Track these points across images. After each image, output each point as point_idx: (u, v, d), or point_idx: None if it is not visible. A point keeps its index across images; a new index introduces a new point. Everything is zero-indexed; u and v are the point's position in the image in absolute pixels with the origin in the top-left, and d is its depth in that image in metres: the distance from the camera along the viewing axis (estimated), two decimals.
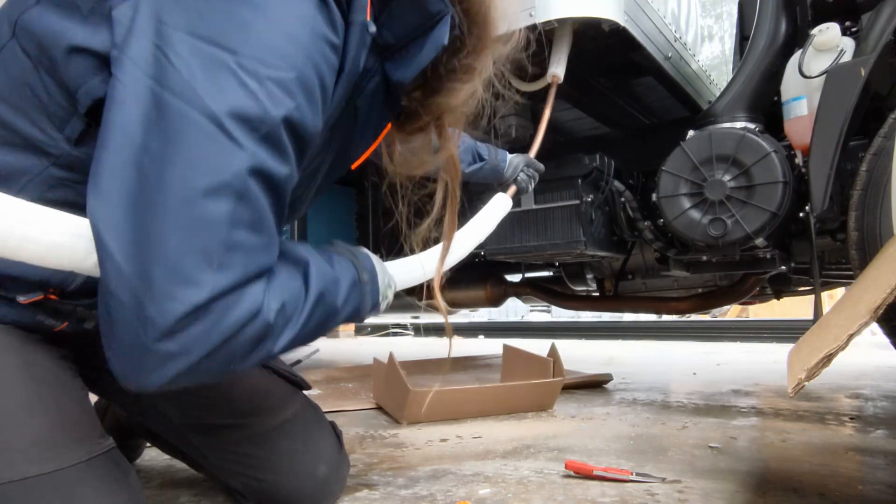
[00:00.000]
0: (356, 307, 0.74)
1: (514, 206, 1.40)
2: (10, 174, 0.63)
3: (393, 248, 0.95)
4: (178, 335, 0.51)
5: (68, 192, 0.64)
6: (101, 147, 0.53)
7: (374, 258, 0.83)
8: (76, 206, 0.60)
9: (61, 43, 0.60)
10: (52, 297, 0.68)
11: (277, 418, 0.92)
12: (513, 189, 1.44)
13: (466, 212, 1.20)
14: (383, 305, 0.83)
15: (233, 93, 0.53)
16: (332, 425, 1.00)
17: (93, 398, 0.92)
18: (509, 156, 1.46)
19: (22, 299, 0.66)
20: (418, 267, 0.94)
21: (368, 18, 0.67)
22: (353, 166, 0.89)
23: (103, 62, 0.59)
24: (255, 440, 0.89)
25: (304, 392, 1.02)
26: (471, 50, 0.77)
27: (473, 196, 2.03)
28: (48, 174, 0.63)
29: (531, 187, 1.51)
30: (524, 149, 1.51)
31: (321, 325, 0.67)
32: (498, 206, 1.32)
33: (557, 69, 1.54)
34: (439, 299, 0.87)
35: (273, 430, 0.91)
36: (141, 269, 0.50)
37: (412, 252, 0.92)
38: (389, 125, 0.85)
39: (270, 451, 0.90)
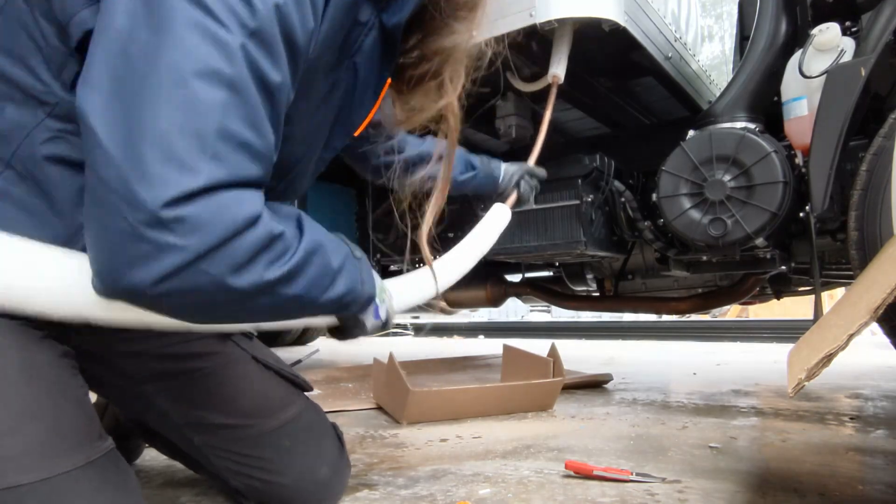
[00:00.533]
0: (353, 279, 0.71)
1: (514, 208, 1.39)
2: (9, 131, 0.62)
3: (387, 236, 1.00)
4: (173, 224, 0.48)
5: (63, 147, 0.62)
6: (93, 46, 0.53)
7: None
8: (71, 162, 0.61)
9: None
10: None
11: (279, 419, 0.91)
12: (513, 198, 1.39)
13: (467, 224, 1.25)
14: (383, 312, 0.81)
15: None
16: (334, 427, 1.00)
17: (93, 397, 0.92)
18: (504, 164, 1.41)
19: None
20: (418, 282, 0.96)
21: None
22: (357, 132, 0.87)
23: None
24: (257, 440, 0.89)
25: (305, 393, 1.02)
26: None
27: (475, 207, 2.03)
28: (44, 126, 0.62)
29: (533, 196, 1.45)
30: (524, 149, 1.51)
31: (319, 277, 0.64)
32: (497, 218, 1.29)
33: (558, 70, 1.54)
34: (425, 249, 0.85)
35: (275, 431, 0.90)
36: (131, 152, 0.48)
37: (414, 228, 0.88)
38: (389, 82, 0.84)
39: (272, 451, 0.90)
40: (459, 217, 2.63)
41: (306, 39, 0.60)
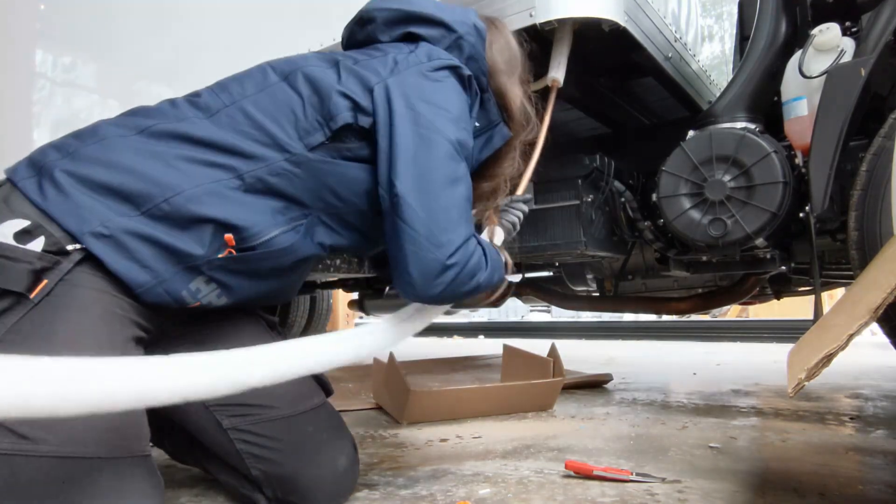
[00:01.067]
0: (499, 266, 1.06)
1: (527, 214, 1.39)
2: (253, 158, 0.89)
3: None
4: (456, 254, 0.91)
5: (283, 182, 0.91)
6: (392, 151, 0.93)
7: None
8: (283, 195, 0.92)
9: (334, 88, 0.95)
10: (233, 251, 0.88)
11: (306, 404, 0.98)
12: (492, 235, 1.29)
13: None
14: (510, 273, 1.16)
15: (453, 130, 0.97)
16: (349, 431, 1.06)
17: None
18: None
19: (228, 236, 0.86)
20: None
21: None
22: None
23: (356, 106, 0.94)
24: (284, 423, 0.95)
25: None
26: (512, 136, 1.20)
27: None
28: (279, 165, 0.91)
29: (517, 229, 1.36)
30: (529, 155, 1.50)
31: (493, 271, 1.02)
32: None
33: (557, 73, 1.53)
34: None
35: (301, 415, 0.97)
36: (430, 214, 0.91)
37: None
38: None
39: (297, 434, 0.95)
40: None
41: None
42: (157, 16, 2.13)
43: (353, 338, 0.93)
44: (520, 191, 1.42)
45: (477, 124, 1.11)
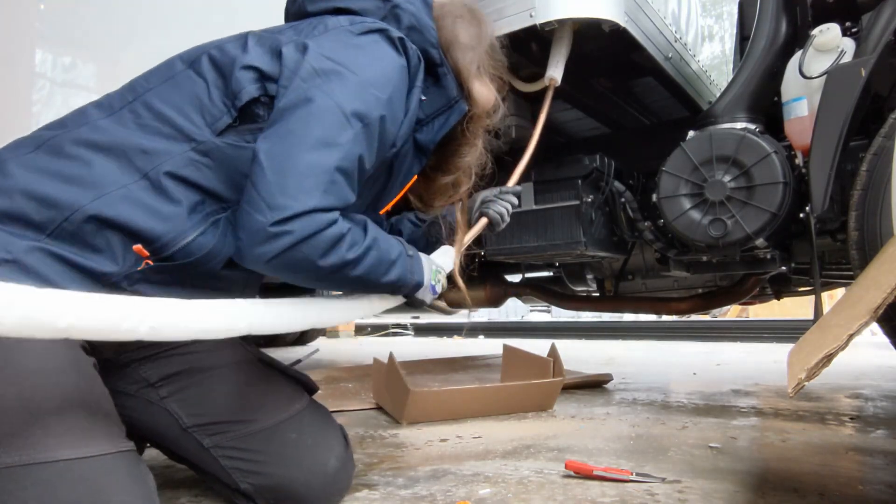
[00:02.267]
0: (403, 270, 0.94)
1: (514, 208, 1.35)
2: (156, 153, 0.84)
3: None
4: (289, 222, 0.78)
5: (195, 172, 0.85)
6: (275, 110, 0.85)
7: (421, 254, 1.04)
8: (197, 185, 0.85)
9: (238, 63, 0.88)
10: (150, 262, 0.82)
11: (286, 412, 0.96)
12: (483, 222, 1.28)
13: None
14: (439, 288, 1.04)
15: (351, 95, 0.86)
16: (340, 427, 1.04)
17: None
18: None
19: (137, 246, 0.81)
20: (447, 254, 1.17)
21: (421, 94, 1.01)
22: (382, 211, 1.16)
23: (261, 76, 0.88)
24: (266, 435, 0.93)
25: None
26: (472, 121, 1.12)
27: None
28: (186, 156, 0.85)
29: (506, 220, 1.31)
30: (523, 150, 1.50)
31: (377, 265, 0.89)
32: (443, 254, 1.17)
33: (555, 72, 1.53)
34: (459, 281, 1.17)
35: (282, 424, 0.94)
36: (278, 176, 0.79)
37: None
38: (415, 178, 1.14)
39: (280, 444, 0.93)
40: None
41: (390, 142, 0.95)
42: (157, 15, 2.13)
43: (311, 304, 0.89)
44: (511, 182, 1.39)
45: (423, 98, 1.02)
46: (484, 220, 1.29)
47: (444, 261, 1.12)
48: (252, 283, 1.00)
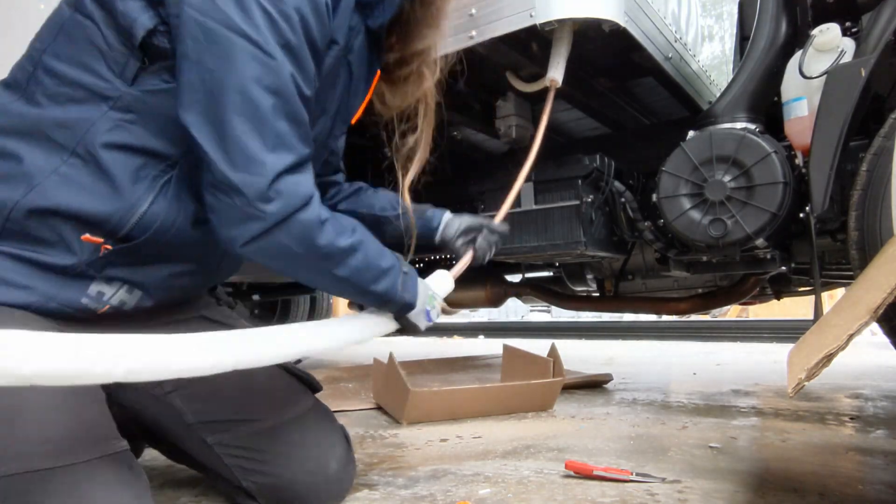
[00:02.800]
0: (393, 284, 0.90)
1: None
2: (75, 125, 0.75)
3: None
4: (261, 204, 0.71)
5: (124, 134, 0.76)
6: (179, 74, 0.72)
7: (419, 279, 0.99)
8: (129, 147, 0.76)
9: None
10: (108, 246, 0.76)
11: (290, 413, 0.95)
12: (467, 257, 1.18)
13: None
14: (434, 315, 0.99)
15: (260, 20, 0.71)
16: (341, 427, 1.03)
17: None
18: (448, 215, 1.21)
19: (85, 236, 0.75)
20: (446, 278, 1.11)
21: None
22: (353, 120, 1.04)
23: (149, 3, 0.75)
24: (269, 434, 0.92)
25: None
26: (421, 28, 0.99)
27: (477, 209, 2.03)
28: (107, 118, 0.75)
29: (492, 252, 1.23)
30: (524, 150, 1.50)
31: (365, 269, 0.85)
32: (439, 283, 1.09)
33: (556, 74, 1.53)
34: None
35: (286, 424, 0.93)
36: (221, 152, 0.71)
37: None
38: (378, 74, 1.02)
39: (284, 444, 0.92)
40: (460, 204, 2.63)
41: (324, 44, 0.82)
42: None
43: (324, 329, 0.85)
44: (499, 216, 1.30)
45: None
46: (470, 254, 1.19)
47: (440, 287, 1.06)
48: None
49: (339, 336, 0.88)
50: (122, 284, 0.80)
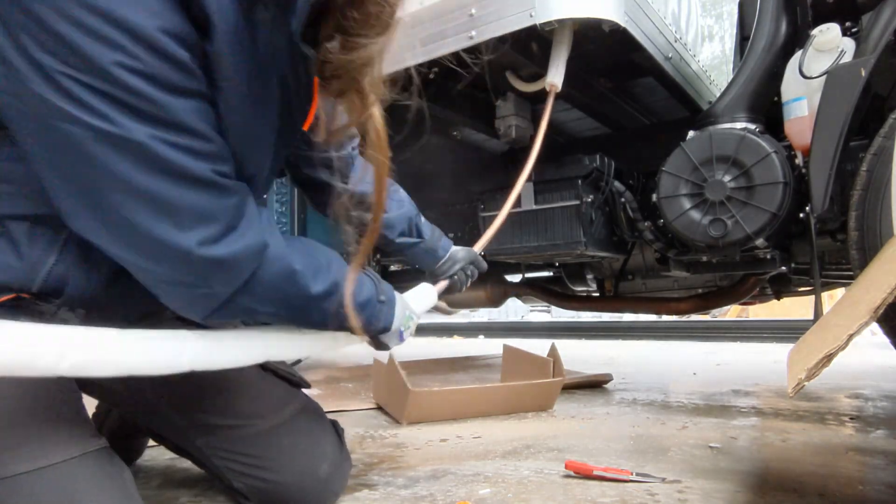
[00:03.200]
0: (369, 316, 0.85)
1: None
2: None
3: None
4: (212, 279, 0.64)
5: (6, 206, 0.66)
6: (36, 168, 0.59)
7: (397, 294, 0.95)
8: (23, 216, 0.67)
9: None
10: (25, 295, 0.68)
11: (278, 417, 0.93)
12: (443, 284, 1.24)
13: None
14: (407, 335, 0.96)
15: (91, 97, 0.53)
16: (334, 424, 1.02)
17: (91, 404, 0.92)
18: (453, 247, 1.30)
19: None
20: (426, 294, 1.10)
21: None
22: (305, 127, 0.89)
23: None
24: (258, 439, 0.91)
25: (305, 392, 1.03)
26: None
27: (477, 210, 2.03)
28: None
29: (464, 288, 1.31)
30: (524, 150, 1.50)
31: (338, 311, 0.78)
32: (422, 297, 1.11)
33: (556, 78, 1.53)
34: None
35: (274, 429, 0.92)
36: (141, 253, 0.61)
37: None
38: (317, 80, 0.84)
39: (273, 449, 0.91)
40: (460, 217, 2.64)
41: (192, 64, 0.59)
42: None
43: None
44: (478, 246, 1.30)
45: None
46: (443, 283, 1.23)
47: (420, 303, 1.05)
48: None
49: (303, 345, 0.85)
50: (72, 311, 0.73)
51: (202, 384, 0.90)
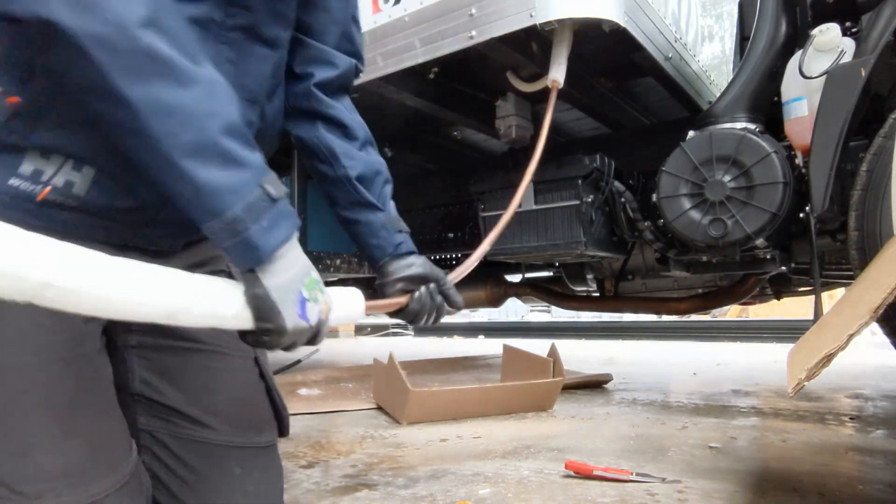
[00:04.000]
0: (235, 185, 0.56)
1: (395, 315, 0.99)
2: None
3: None
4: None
5: None
6: None
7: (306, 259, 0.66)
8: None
9: None
10: (13, 98, 0.59)
11: (248, 438, 0.77)
12: (392, 302, 0.84)
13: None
14: (313, 314, 0.62)
15: None
16: (282, 489, 0.83)
17: None
18: (419, 256, 0.91)
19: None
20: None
21: None
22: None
23: None
24: (209, 450, 0.73)
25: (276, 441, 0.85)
26: None
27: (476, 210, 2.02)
28: None
29: (425, 321, 0.90)
30: (524, 150, 1.50)
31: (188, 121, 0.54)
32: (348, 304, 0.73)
33: (557, 74, 1.53)
34: None
35: (234, 450, 0.75)
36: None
37: None
38: None
39: (217, 471, 0.74)
40: (460, 217, 2.64)
41: None
42: None
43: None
44: (453, 275, 0.94)
45: None
46: (402, 300, 0.85)
47: (341, 301, 0.71)
48: None
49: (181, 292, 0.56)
50: (65, 159, 0.61)
51: (188, 361, 0.75)
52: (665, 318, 5.12)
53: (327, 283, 0.70)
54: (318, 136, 0.87)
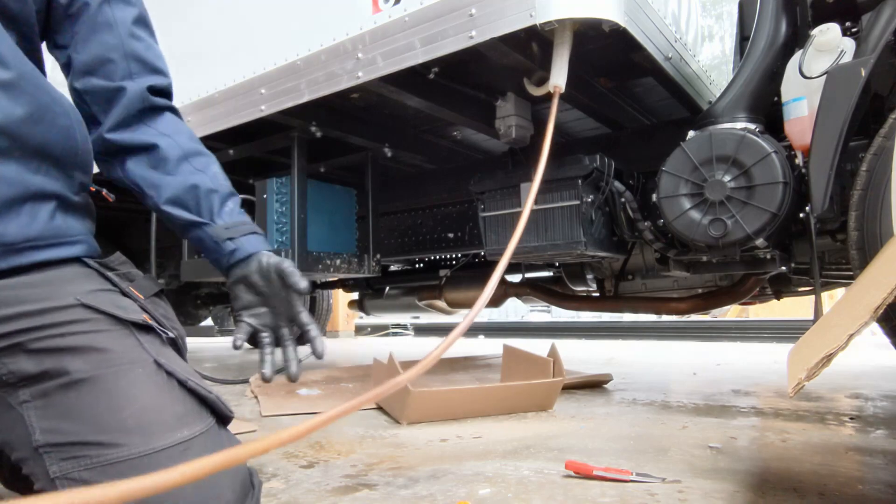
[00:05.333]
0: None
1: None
2: None
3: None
4: None
5: None
6: None
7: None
8: None
9: None
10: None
11: (166, 439, 0.72)
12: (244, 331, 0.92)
13: None
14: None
15: None
16: (251, 471, 0.80)
17: None
18: (270, 255, 0.92)
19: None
20: None
21: None
22: None
23: None
24: (132, 466, 0.68)
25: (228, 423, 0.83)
26: None
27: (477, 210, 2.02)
28: None
29: (271, 374, 0.93)
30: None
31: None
32: None
33: (559, 79, 1.53)
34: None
35: (158, 454, 0.70)
36: None
37: None
38: None
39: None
40: (460, 217, 2.64)
41: None
42: (159, 15, 2.13)
43: None
44: (412, 372, 0.78)
45: None
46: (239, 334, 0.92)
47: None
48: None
49: None
50: None
51: (83, 391, 0.71)
52: (665, 318, 5.11)
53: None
54: (125, 172, 0.92)
